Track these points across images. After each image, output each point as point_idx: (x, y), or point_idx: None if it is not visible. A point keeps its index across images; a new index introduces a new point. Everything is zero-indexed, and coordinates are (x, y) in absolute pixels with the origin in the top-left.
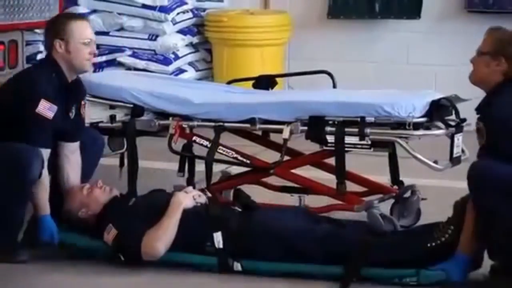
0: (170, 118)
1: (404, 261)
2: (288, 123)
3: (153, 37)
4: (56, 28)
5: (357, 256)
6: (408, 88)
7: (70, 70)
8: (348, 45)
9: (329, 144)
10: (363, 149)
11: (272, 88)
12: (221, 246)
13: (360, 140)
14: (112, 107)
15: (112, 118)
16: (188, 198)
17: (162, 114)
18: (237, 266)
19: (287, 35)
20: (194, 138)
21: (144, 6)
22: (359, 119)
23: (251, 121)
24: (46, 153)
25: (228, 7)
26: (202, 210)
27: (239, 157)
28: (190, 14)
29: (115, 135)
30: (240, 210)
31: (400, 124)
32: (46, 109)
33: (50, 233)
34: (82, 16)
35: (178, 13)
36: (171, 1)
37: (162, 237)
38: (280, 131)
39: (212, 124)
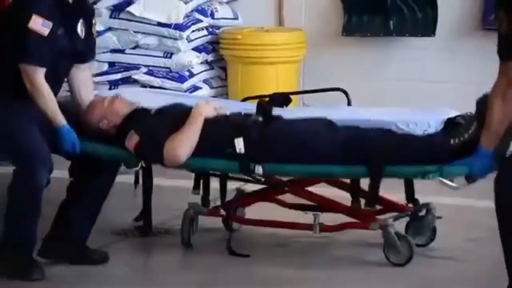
0: None
1: (427, 159)
2: None
3: (168, 54)
4: None
5: (380, 155)
6: (423, 105)
7: None
8: (363, 63)
9: None
10: None
11: (286, 106)
12: (242, 151)
13: None
14: None
15: None
16: (210, 108)
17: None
18: (259, 169)
19: (302, 53)
20: None
21: (159, 24)
22: None
23: None
24: (42, 71)
25: (243, 25)
26: (223, 118)
27: None
28: (205, 32)
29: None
30: (261, 119)
31: None
32: (39, 24)
33: (71, 143)
34: None
35: (193, 31)
36: (186, 19)
37: (184, 143)
38: None
39: None
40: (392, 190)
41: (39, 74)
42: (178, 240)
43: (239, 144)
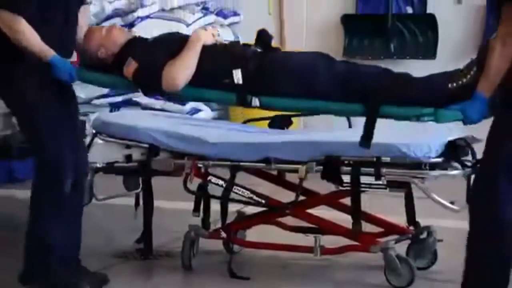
0: (186, 158)
1: (424, 101)
2: (303, 163)
3: None
4: None
5: (377, 93)
6: (424, 127)
7: None
8: None
9: (344, 184)
10: (379, 189)
11: (287, 128)
12: (240, 82)
13: (376, 180)
14: (128, 146)
15: (128, 157)
16: (208, 34)
17: (178, 154)
18: (255, 101)
19: None
20: (209, 177)
21: None
22: (374, 159)
23: (267, 160)
24: (18, 18)
25: None
26: (221, 47)
27: (255, 197)
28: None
29: (131, 175)
30: (260, 50)
31: (416, 164)
32: None
33: (67, 71)
34: None
35: None
36: None
37: (182, 68)
38: (295, 171)
39: (228, 163)
40: (393, 212)
41: (17, 19)
42: (178, 262)
43: (237, 75)
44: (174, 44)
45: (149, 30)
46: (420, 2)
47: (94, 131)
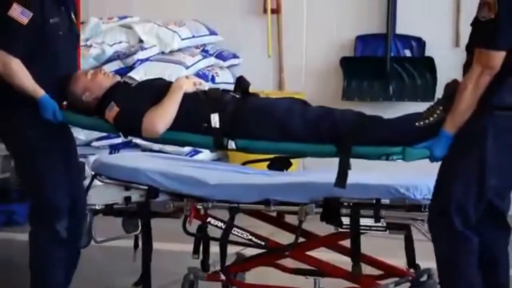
0: (185, 200)
1: (393, 140)
2: (303, 204)
3: None
4: None
5: (348, 135)
6: (423, 168)
7: None
8: None
9: (344, 226)
10: (379, 231)
11: (287, 169)
12: (217, 126)
13: (375, 222)
14: (127, 188)
15: (127, 199)
16: (189, 83)
17: (177, 196)
18: (231, 144)
19: None
20: (208, 219)
21: None
22: (374, 201)
23: (266, 202)
24: (14, 59)
25: None
26: (201, 93)
27: (254, 239)
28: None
29: (130, 216)
30: (239, 96)
31: (416, 207)
32: (18, 12)
33: (52, 111)
34: None
35: None
36: None
37: (162, 116)
38: (295, 213)
39: (227, 205)
40: (393, 254)
41: (11, 59)
42: None
43: (215, 119)
44: (156, 91)
45: (148, 72)
46: (418, 45)
47: (93, 173)
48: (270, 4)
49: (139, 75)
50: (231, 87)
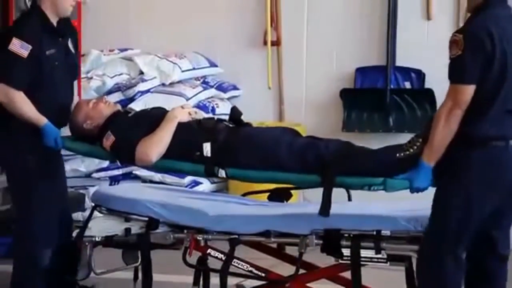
0: (185, 231)
1: (375, 171)
2: (303, 236)
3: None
4: None
5: (332, 166)
6: (423, 199)
7: (53, 13)
8: None
9: (344, 258)
10: (379, 263)
11: (287, 201)
12: (209, 155)
13: (376, 254)
14: (127, 219)
15: (127, 231)
16: (184, 113)
17: (177, 227)
18: (222, 173)
19: None
20: (208, 251)
21: None
22: (375, 233)
23: (266, 234)
24: (17, 91)
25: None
26: (195, 123)
27: (254, 270)
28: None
29: (130, 248)
30: (232, 125)
31: (417, 238)
32: (18, 46)
33: (53, 139)
34: None
35: None
36: None
37: (155, 145)
38: (295, 244)
39: (227, 236)
40: (393, 286)
41: (14, 92)
42: None
43: (206, 148)
44: (152, 120)
45: (149, 104)
46: (418, 77)
47: (93, 204)
48: (270, 36)
49: (139, 107)
50: None
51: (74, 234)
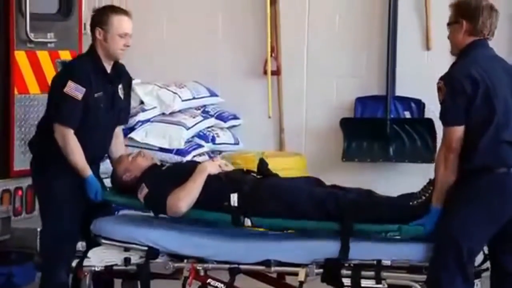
0: (185, 261)
1: (390, 218)
2: (303, 265)
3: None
4: (99, 18)
5: (350, 214)
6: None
7: (106, 57)
8: (363, 187)
9: (345, 287)
10: None
11: (287, 230)
12: (236, 204)
13: (377, 283)
14: (126, 249)
15: (127, 260)
16: (214, 166)
17: (177, 257)
18: (247, 222)
19: None
20: (208, 280)
21: (161, 149)
22: (375, 262)
23: (266, 263)
24: (71, 131)
25: (244, 150)
26: (223, 175)
27: None
28: (206, 157)
29: (129, 278)
30: (259, 177)
31: (417, 268)
32: (72, 89)
33: (95, 192)
34: (124, 11)
35: (194, 156)
36: (188, 145)
37: (185, 197)
38: (295, 274)
39: (227, 266)
40: None
41: (69, 133)
42: None
43: (234, 198)
44: (183, 173)
45: (149, 133)
46: (417, 107)
47: (93, 234)
48: (270, 66)
49: (139, 136)
50: (232, 147)
51: (74, 264)
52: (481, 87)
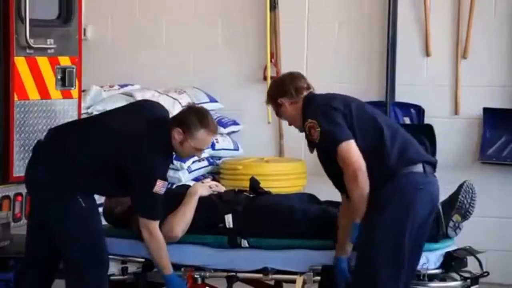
0: (182, 269)
1: None
2: (301, 273)
3: (169, 185)
4: (184, 121)
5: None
6: None
7: (176, 151)
8: None
9: None
10: None
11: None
12: (231, 226)
13: None
14: (123, 261)
15: (124, 270)
16: (204, 188)
17: (174, 265)
18: (244, 243)
19: (302, 183)
20: None
21: None
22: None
23: (264, 271)
24: (156, 226)
25: (244, 156)
26: (216, 197)
27: None
28: (205, 163)
29: (126, 287)
30: (251, 195)
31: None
32: (160, 187)
33: None
34: (215, 128)
35: (193, 161)
36: None
37: (179, 222)
38: (293, 281)
39: (225, 274)
40: None
41: (156, 226)
42: None
43: (228, 219)
44: (174, 198)
45: None
46: (417, 113)
47: None
48: (270, 71)
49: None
50: (231, 153)
51: None
52: (351, 105)
